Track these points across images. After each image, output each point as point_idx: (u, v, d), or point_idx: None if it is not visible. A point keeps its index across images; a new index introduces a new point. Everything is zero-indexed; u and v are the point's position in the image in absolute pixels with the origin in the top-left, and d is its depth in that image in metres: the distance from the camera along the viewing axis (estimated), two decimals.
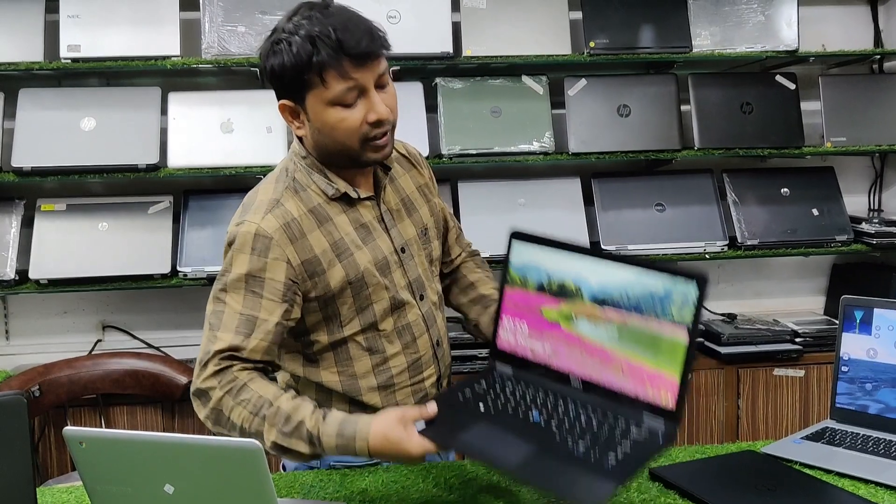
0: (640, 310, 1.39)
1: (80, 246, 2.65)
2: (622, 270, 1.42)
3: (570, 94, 2.83)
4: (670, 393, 1.33)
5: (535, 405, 1.44)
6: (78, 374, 2.47)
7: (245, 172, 2.64)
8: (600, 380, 1.42)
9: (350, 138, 1.42)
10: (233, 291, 1.42)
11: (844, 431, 1.69)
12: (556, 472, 1.29)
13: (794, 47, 2.87)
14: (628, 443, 1.31)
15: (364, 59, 1.38)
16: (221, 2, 2.65)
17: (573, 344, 1.46)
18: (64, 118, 2.63)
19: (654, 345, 1.36)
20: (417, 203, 1.63)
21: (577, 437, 1.35)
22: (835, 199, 2.98)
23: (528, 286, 1.54)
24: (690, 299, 1.34)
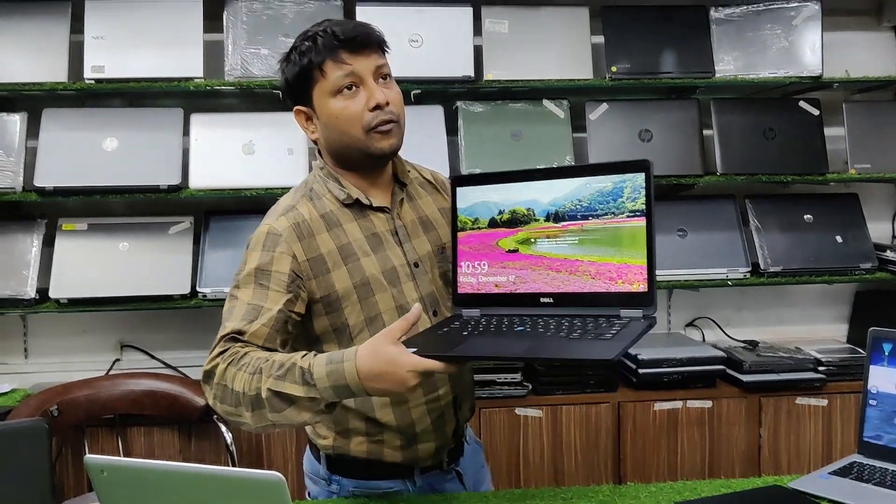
0: (595, 212, 1.44)
1: (100, 265, 2.66)
2: (568, 182, 1.47)
3: (592, 119, 2.83)
4: (640, 278, 1.38)
5: (516, 323, 1.45)
6: (97, 394, 2.46)
7: (266, 194, 2.64)
8: (571, 290, 1.45)
9: (353, 127, 1.48)
10: (244, 286, 1.47)
11: (873, 467, 1.65)
12: (563, 346, 1.32)
13: (818, 73, 2.85)
14: (615, 328, 1.34)
15: (357, 46, 1.47)
16: (245, 24, 2.66)
17: (537, 265, 1.48)
18: (86, 138, 2.64)
19: (616, 241, 1.41)
20: (437, 223, 1.65)
21: (568, 329, 1.37)
22: (858, 226, 2.94)
23: (479, 225, 1.56)
24: (639, 186, 1.39)
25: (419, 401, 1.56)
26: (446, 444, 1.63)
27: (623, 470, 2.67)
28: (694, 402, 2.68)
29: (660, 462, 2.68)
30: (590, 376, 2.68)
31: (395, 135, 1.51)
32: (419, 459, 1.60)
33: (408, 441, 1.58)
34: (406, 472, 1.61)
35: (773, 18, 2.87)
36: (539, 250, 1.49)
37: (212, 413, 2.47)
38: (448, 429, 1.62)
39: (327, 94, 1.49)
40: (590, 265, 1.43)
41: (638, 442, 2.67)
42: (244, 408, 1.36)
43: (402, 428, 1.56)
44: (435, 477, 1.64)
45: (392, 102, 1.50)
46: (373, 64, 1.49)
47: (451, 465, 1.66)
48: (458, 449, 1.68)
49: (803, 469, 2.70)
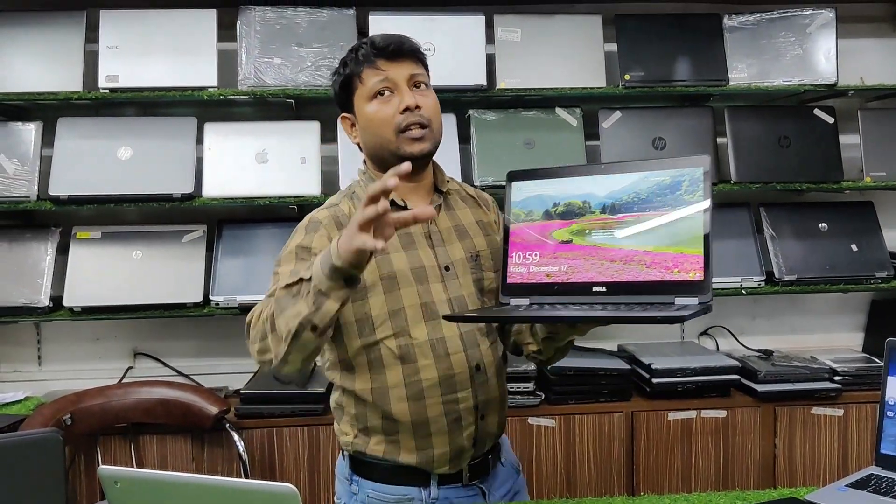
0: (652, 205, 1.44)
1: (114, 274, 2.67)
2: (625, 176, 1.48)
3: (605, 127, 2.82)
4: (696, 267, 1.39)
5: (572, 307, 1.46)
6: (110, 403, 2.47)
7: (279, 203, 2.65)
8: (624, 279, 1.46)
9: (385, 128, 1.56)
10: (285, 263, 1.54)
11: (891, 479, 1.63)
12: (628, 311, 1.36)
13: (833, 81, 2.83)
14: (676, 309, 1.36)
15: (392, 54, 1.56)
16: (258, 34, 2.67)
17: (591, 255, 1.49)
18: (101, 147, 2.65)
19: (673, 231, 1.42)
20: (472, 231, 1.68)
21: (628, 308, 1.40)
22: (874, 234, 2.92)
23: (533, 217, 1.57)
24: (698, 179, 1.41)
25: (436, 399, 1.57)
26: (464, 451, 1.61)
27: (636, 480, 2.65)
28: (708, 412, 2.66)
29: (673, 472, 2.66)
30: (603, 385, 2.66)
31: (426, 140, 1.57)
32: (434, 463, 1.59)
33: (421, 441, 1.58)
34: (422, 479, 1.61)
35: (787, 26, 2.85)
36: (594, 241, 1.50)
37: (224, 422, 2.48)
38: (465, 435, 1.60)
39: (365, 99, 1.58)
40: (645, 255, 1.44)
41: (651, 452, 2.65)
42: (267, 335, 1.41)
43: (416, 425, 1.57)
44: (454, 490, 1.63)
45: (424, 108, 1.57)
46: (407, 71, 1.57)
47: (474, 480, 1.65)
48: (482, 465, 1.66)
49: (819, 480, 2.67)
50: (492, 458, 1.69)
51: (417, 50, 1.61)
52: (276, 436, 2.56)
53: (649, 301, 1.42)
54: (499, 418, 1.68)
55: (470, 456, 1.63)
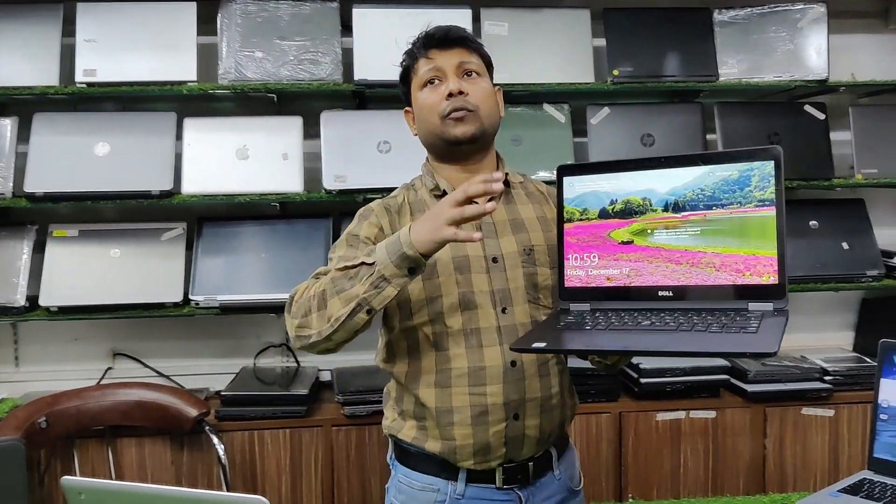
0: (719, 202, 1.37)
1: (91, 272, 2.61)
2: (688, 171, 1.40)
3: (593, 123, 2.77)
4: (770, 269, 1.33)
5: (639, 317, 1.38)
6: (86, 405, 2.41)
7: (260, 200, 2.59)
8: (693, 283, 1.38)
9: (433, 114, 1.59)
10: (338, 248, 1.60)
11: (884, 484, 1.60)
12: (712, 340, 1.25)
13: (824, 76, 2.79)
14: (754, 321, 1.28)
15: (440, 42, 1.61)
16: (239, 27, 2.61)
17: (654, 257, 1.42)
18: (78, 143, 2.59)
19: (744, 231, 1.34)
20: (530, 227, 1.65)
21: (702, 323, 1.30)
22: (865, 232, 2.89)
23: (588, 216, 1.50)
24: (768, 174, 1.34)
25: (462, 389, 1.55)
26: (491, 449, 1.56)
27: (625, 481, 2.61)
28: (697, 413, 2.62)
29: (662, 473, 2.62)
30: (591, 385, 2.62)
31: (468, 122, 1.58)
32: (457, 455, 1.57)
33: (445, 430, 1.57)
34: (450, 471, 1.59)
35: (778, 21, 2.81)
36: (657, 241, 1.43)
37: (204, 424, 2.42)
38: (493, 431, 1.55)
39: (418, 88, 1.64)
40: (714, 256, 1.37)
41: (640, 452, 2.61)
42: (312, 312, 1.46)
43: (440, 412, 1.57)
44: (485, 490, 1.59)
45: (471, 94, 1.59)
46: (456, 59, 1.61)
47: (511, 485, 1.59)
48: (521, 470, 1.60)
49: (809, 481, 2.64)
50: (535, 466, 1.61)
51: (466, 38, 1.63)
52: (257, 438, 2.51)
53: (720, 307, 1.35)
54: (542, 422, 1.59)
55: (502, 456, 1.58)
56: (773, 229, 1.33)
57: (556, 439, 1.66)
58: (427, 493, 1.60)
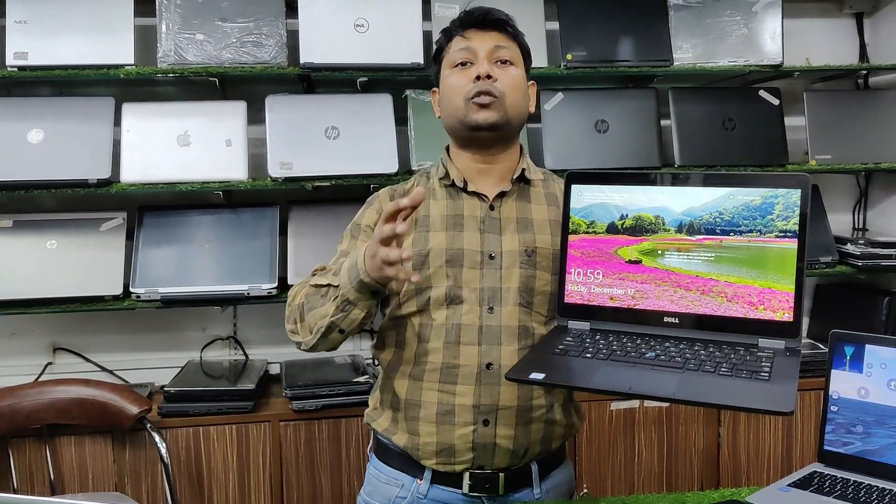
0: (738, 228, 1.30)
1: (26, 265, 2.50)
2: (708, 191, 1.32)
3: (547, 109, 2.72)
4: (785, 306, 1.26)
5: (642, 345, 1.30)
6: (20, 404, 2.31)
7: (203, 188, 2.50)
8: (701, 311, 1.31)
9: (458, 96, 1.54)
10: (344, 238, 1.62)
11: (834, 477, 1.57)
12: (723, 389, 1.18)
13: (778, 61, 2.76)
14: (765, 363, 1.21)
15: (477, 23, 1.57)
16: (179, 8, 2.50)
17: (663, 280, 1.34)
18: (10, 130, 2.47)
19: (761, 262, 1.28)
20: (538, 228, 1.58)
21: (711, 362, 1.23)
22: (819, 218, 2.88)
23: (595, 229, 1.43)
24: (794, 204, 1.26)
25: (432, 385, 1.52)
26: (455, 451, 1.51)
27: (579, 471, 2.58)
28: (651, 402, 2.60)
29: (616, 464, 2.59)
30: None
31: (493, 109, 1.53)
32: (420, 452, 1.53)
33: (411, 424, 1.53)
34: (415, 469, 1.55)
35: (733, 5, 2.77)
36: (667, 264, 1.36)
37: (146, 422, 2.34)
38: (458, 434, 1.50)
39: (448, 68, 1.59)
40: (727, 286, 1.30)
41: (594, 443, 2.58)
42: (298, 321, 1.51)
43: (408, 405, 1.55)
44: (450, 493, 1.54)
45: (500, 81, 1.53)
46: (491, 43, 1.56)
47: (479, 493, 1.53)
48: (491, 480, 1.53)
49: (763, 471, 2.64)
50: (507, 479, 1.54)
51: (505, 22, 1.59)
52: (202, 435, 2.43)
53: (729, 340, 1.28)
54: (517, 433, 1.52)
55: (469, 461, 1.52)
56: (792, 263, 1.27)
57: (540, 455, 1.58)
58: (391, 486, 1.57)
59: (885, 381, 1.59)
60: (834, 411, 1.65)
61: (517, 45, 1.60)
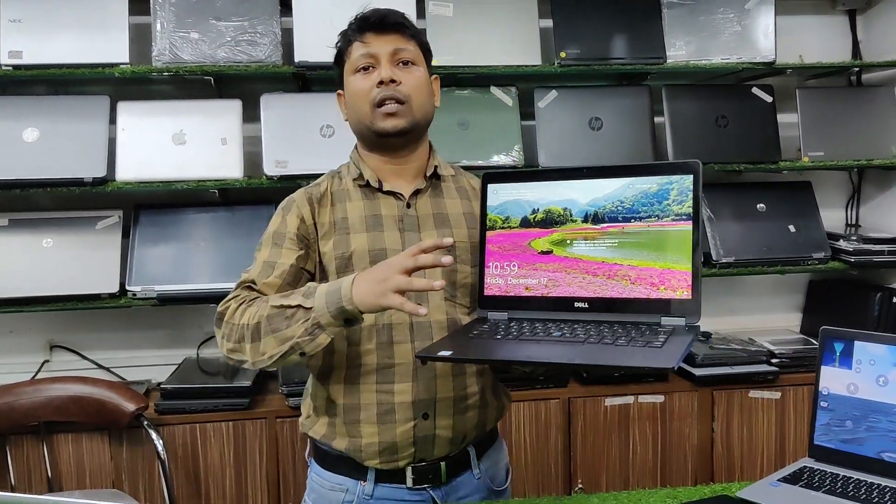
0: (637, 215, 1.38)
1: (23, 263, 2.51)
2: (609, 182, 1.41)
3: (541, 106, 2.73)
4: (684, 284, 1.34)
5: (552, 327, 1.38)
6: (18, 401, 2.32)
7: (198, 186, 2.51)
8: (608, 295, 1.39)
9: (363, 102, 1.54)
10: (263, 247, 1.57)
11: (823, 472, 1.59)
12: (615, 353, 1.25)
13: (771, 59, 2.78)
14: (662, 336, 1.29)
15: (376, 26, 1.54)
16: (174, 7, 2.51)
17: (572, 268, 1.43)
18: (5, 129, 2.48)
19: (660, 245, 1.36)
20: (455, 223, 1.61)
21: (611, 336, 1.31)
22: (812, 214, 2.89)
23: (510, 224, 1.50)
24: (687, 188, 1.35)
25: (370, 386, 1.52)
26: (398, 448, 1.53)
27: (573, 467, 2.60)
28: (646, 397, 2.62)
29: (610, 459, 2.61)
30: (540, 371, 2.60)
31: (400, 116, 1.53)
32: (362, 454, 1.53)
33: (351, 427, 1.53)
34: (357, 471, 1.55)
35: (726, 2, 2.79)
36: (575, 252, 1.44)
37: (143, 419, 2.35)
38: (399, 431, 1.52)
39: (350, 73, 1.57)
40: (630, 269, 1.38)
41: (589, 438, 2.60)
42: (246, 341, 1.43)
43: (347, 409, 1.54)
44: (395, 490, 1.55)
45: (404, 84, 1.53)
46: (391, 46, 1.54)
47: (422, 485, 1.56)
48: (433, 470, 1.56)
49: (756, 464, 2.66)
50: (448, 466, 1.57)
51: (403, 24, 1.57)
52: (199, 432, 2.45)
53: (633, 321, 1.36)
54: (455, 422, 1.55)
55: (410, 456, 1.54)
56: (688, 244, 1.35)
57: (476, 439, 1.62)
58: (336, 492, 1.57)
59: (873, 377, 1.61)
60: (824, 407, 1.67)
61: (417, 43, 1.59)
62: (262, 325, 1.42)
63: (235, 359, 1.48)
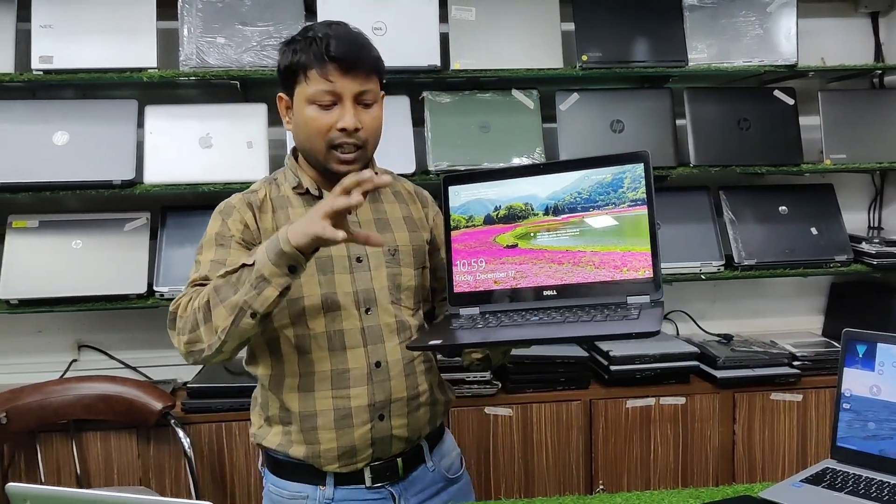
0: (595, 204, 1.46)
1: (52, 264, 2.55)
2: (566, 175, 1.49)
3: (562, 109, 2.75)
4: (645, 265, 1.42)
5: (528, 315, 1.44)
6: (48, 400, 2.37)
7: (224, 189, 2.54)
8: (575, 281, 1.46)
9: (316, 140, 1.51)
10: (206, 250, 1.55)
11: (846, 473, 1.60)
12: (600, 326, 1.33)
13: (793, 61, 2.78)
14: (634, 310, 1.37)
15: (346, 67, 1.48)
16: (200, 12, 2.55)
17: (538, 258, 1.50)
18: (36, 132, 2.52)
19: (619, 230, 1.44)
20: (395, 226, 1.64)
21: (588, 315, 1.38)
22: (834, 217, 2.89)
23: (474, 223, 1.56)
24: (639, 176, 1.44)
25: (325, 392, 1.54)
26: (357, 451, 1.56)
27: (595, 468, 2.61)
28: (667, 399, 2.63)
29: (632, 460, 2.62)
30: (561, 373, 2.61)
31: (357, 162, 1.53)
32: (321, 459, 1.56)
33: (308, 434, 1.55)
34: (316, 476, 1.57)
35: (748, 5, 2.79)
36: (539, 244, 1.50)
37: (170, 417, 2.39)
38: (358, 434, 1.55)
39: (304, 99, 1.51)
40: (593, 255, 1.45)
41: (610, 440, 2.61)
42: (200, 325, 1.41)
43: (303, 417, 1.55)
44: (355, 491, 1.58)
45: (365, 128, 1.52)
46: (357, 87, 1.50)
47: (381, 483, 1.60)
48: (390, 467, 1.61)
49: (777, 467, 2.66)
50: (405, 461, 1.62)
51: (376, 67, 1.54)
52: (224, 430, 2.48)
53: (602, 302, 1.42)
54: (409, 421, 1.60)
55: (368, 456, 1.58)
56: (645, 227, 1.43)
57: (429, 434, 1.67)
58: (297, 500, 1.59)
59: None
60: (846, 408, 1.67)
61: (377, 76, 1.55)
62: (210, 301, 1.40)
63: (194, 350, 1.44)
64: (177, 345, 1.48)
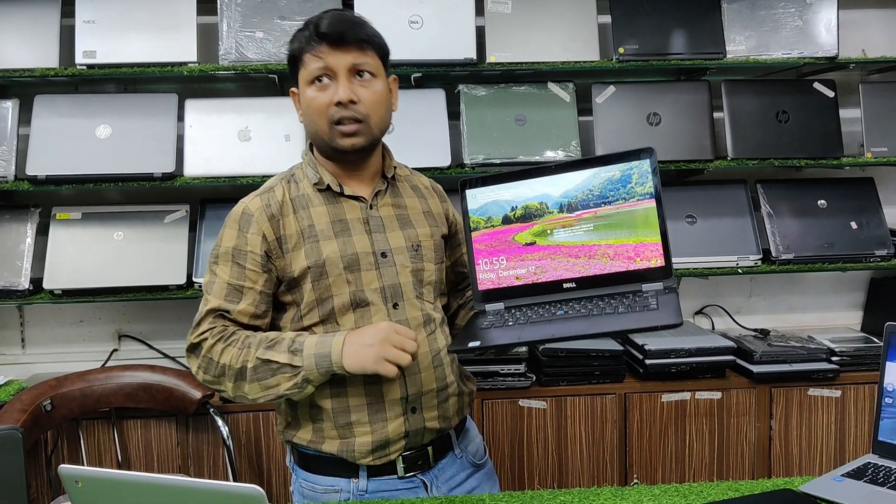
0: (606, 200, 1.55)
1: (95, 255, 2.60)
2: (576, 174, 1.57)
3: (598, 102, 2.74)
4: (657, 254, 1.50)
5: (552, 308, 1.52)
6: (91, 388, 2.41)
7: (262, 181, 2.56)
8: (592, 273, 1.54)
9: (320, 118, 1.53)
10: (222, 263, 1.56)
11: (889, 468, 1.58)
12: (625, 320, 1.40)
13: (834, 53, 2.74)
14: (652, 299, 1.45)
15: (334, 41, 1.50)
16: (239, 7, 2.58)
17: (556, 254, 1.58)
18: (79, 125, 2.57)
19: (630, 223, 1.53)
20: (416, 222, 1.66)
21: (609, 307, 1.46)
22: (874, 211, 2.85)
23: (493, 223, 1.63)
24: (646, 171, 1.52)
25: (358, 389, 1.55)
26: (389, 444, 1.57)
27: (629, 462, 2.61)
28: (703, 394, 2.61)
29: (667, 455, 2.61)
30: (595, 366, 2.61)
31: (359, 135, 1.54)
32: (356, 454, 1.56)
33: (342, 430, 1.56)
34: (349, 470, 1.59)
35: None
36: (556, 240, 1.57)
37: (209, 406, 2.43)
38: (391, 427, 1.56)
39: (306, 83, 1.55)
40: (607, 248, 1.53)
41: (644, 434, 2.60)
42: (226, 379, 1.49)
43: (336, 413, 1.56)
44: (388, 482, 1.60)
45: (362, 101, 1.53)
46: (350, 60, 1.52)
47: (412, 472, 1.61)
48: (422, 457, 1.62)
49: (815, 463, 2.63)
50: (434, 450, 1.64)
51: (364, 39, 1.53)
52: (262, 420, 2.51)
53: (618, 291, 1.51)
54: (439, 412, 1.62)
55: (401, 447, 1.59)
56: (655, 218, 1.51)
57: (457, 423, 1.69)
58: (329, 494, 1.60)
59: None
60: (889, 403, 1.65)
61: (375, 50, 1.55)
62: (246, 372, 1.46)
63: (213, 388, 1.54)
64: (194, 372, 1.55)
